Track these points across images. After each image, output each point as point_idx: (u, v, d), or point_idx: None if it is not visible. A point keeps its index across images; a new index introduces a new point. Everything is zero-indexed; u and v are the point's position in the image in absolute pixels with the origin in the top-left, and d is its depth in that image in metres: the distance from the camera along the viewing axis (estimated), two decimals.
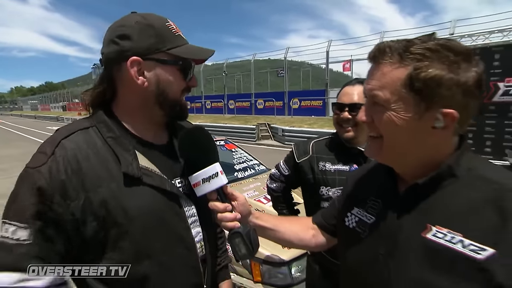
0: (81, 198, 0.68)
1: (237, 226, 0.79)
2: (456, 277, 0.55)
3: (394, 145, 0.65)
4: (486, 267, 0.53)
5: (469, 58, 0.58)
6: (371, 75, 0.65)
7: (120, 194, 0.71)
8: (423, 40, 0.60)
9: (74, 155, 0.70)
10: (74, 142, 0.72)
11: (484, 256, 0.53)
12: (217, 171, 0.78)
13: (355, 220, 0.79)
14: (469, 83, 0.58)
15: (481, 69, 0.59)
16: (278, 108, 18.92)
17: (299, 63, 21.67)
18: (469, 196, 0.59)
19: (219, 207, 0.79)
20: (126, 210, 0.71)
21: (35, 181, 0.66)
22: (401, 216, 0.67)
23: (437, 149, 0.64)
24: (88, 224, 0.69)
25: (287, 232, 0.96)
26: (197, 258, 0.84)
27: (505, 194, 0.56)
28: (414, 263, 0.61)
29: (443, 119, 0.59)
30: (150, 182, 0.75)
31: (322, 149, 1.43)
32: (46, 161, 0.67)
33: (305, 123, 14.86)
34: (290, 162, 1.53)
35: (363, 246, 0.74)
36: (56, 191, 0.66)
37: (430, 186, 0.64)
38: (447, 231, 0.58)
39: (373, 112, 0.65)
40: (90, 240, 0.70)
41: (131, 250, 0.73)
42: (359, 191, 0.84)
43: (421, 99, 0.59)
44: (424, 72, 0.57)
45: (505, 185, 0.58)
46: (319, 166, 1.39)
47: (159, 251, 0.76)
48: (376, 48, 0.64)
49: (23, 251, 0.64)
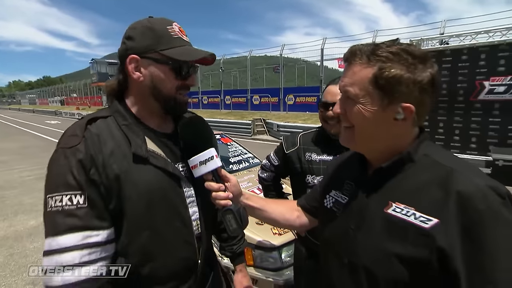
0: (104, 171, 0.81)
1: (229, 204, 0.88)
2: (408, 243, 0.64)
3: (363, 133, 0.73)
4: (430, 234, 0.61)
5: (425, 61, 0.67)
6: (345, 74, 0.74)
7: (130, 170, 0.83)
8: (388, 44, 0.69)
9: (98, 138, 0.83)
10: (96, 127, 0.86)
11: (430, 225, 0.62)
12: (212, 155, 0.86)
13: (332, 201, 0.89)
14: (424, 82, 0.67)
15: (435, 70, 0.68)
16: (273, 104, 19.02)
17: (295, 60, 21.67)
18: (423, 177, 0.68)
19: (214, 186, 0.87)
20: (134, 184, 0.83)
21: (76, 156, 0.79)
22: (369, 195, 0.76)
23: (399, 138, 0.73)
24: (108, 193, 0.82)
25: (274, 213, 1.04)
26: (193, 235, 0.95)
27: (450, 176, 0.64)
28: (377, 233, 0.70)
29: (403, 112, 0.68)
30: (155, 163, 0.87)
31: (309, 141, 1.54)
32: (80, 141, 0.81)
33: (299, 118, 14.99)
34: (280, 153, 1.65)
35: (337, 223, 0.83)
36: (91, 163, 0.80)
37: (392, 169, 0.73)
38: (404, 206, 0.68)
39: (346, 105, 0.74)
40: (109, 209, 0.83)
41: (135, 219, 0.84)
42: (337, 176, 0.94)
43: (384, 94, 0.68)
44: (387, 71, 0.66)
45: (451, 168, 0.66)
46: (305, 156, 1.51)
47: (159, 223, 0.87)
48: (349, 51, 0.73)
49: (84, 213, 0.77)
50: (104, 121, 0.88)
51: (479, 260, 0.57)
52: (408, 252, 0.64)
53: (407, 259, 0.64)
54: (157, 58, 0.87)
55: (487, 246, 0.57)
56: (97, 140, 0.83)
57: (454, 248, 0.59)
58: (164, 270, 0.90)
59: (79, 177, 0.78)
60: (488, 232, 0.57)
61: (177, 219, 0.91)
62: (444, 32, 10.18)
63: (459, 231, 0.59)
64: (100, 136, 0.84)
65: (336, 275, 0.80)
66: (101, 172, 0.80)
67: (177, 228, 0.91)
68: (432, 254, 0.61)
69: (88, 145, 0.81)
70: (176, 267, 0.92)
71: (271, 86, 21.12)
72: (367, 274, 0.71)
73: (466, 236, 0.58)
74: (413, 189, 0.69)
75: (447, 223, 0.60)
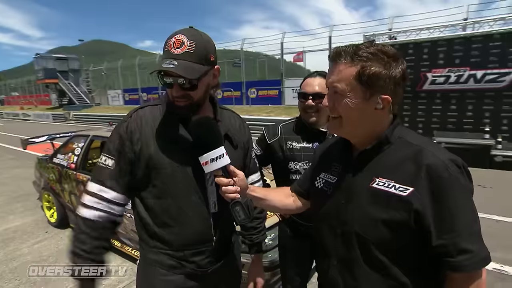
0: (139, 145, 1.02)
1: (237, 197, 0.95)
2: (391, 209, 0.78)
3: (349, 122, 0.84)
4: (408, 200, 0.75)
5: (397, 59, 0.80)
6: (331, 72, 0.84)
7: (162, 148, 1.02)
8: (367, 46, 0.80)
9: (141, 119, 1.04)
10: (143, 112, 1.07)
11: (407, 193, 0.76)
12: (223, 153, 0.93)
13: (323, 182, 0.99)
14: (397, 77, 0.79)
15: (404, 66, 0.81)
16: (236, 97, 18.96)
17: (255, 53, 21.77)
18: (399, 155, 0.82)
19: (224, 181, 0.94)
20: (162, 159, 1.01)
21: (119, 130, 1.04)
22: (356, 174, 0.88)
23: (378, 124, 0.85)
24: (139, 160, 1.02)
25: (274, 200, 1.14)
26: (209, 212, 1.07)
27: (420, 152, 0.78)
28: (365, 204, 0.83)
29: (381, 102, 0.80)
30: (183, 146, 1.03)
31: (289, 131, 1.64)
32: (127, 120, 1.05)
33: (263, 111, 15.22)
34: (262, 143, 1.71)
35: (329, 199, 0.94)
36: (128, 138, 1.02)
37: (374, 150, 0.85)
38: (385, 180, 0.81)
39: (334, 99, 0.85)
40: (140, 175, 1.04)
41: (161, 187, 1.03)
42: (324, 160, 1.04)
43: (367, 88, 0.79)
44: (368, 69, 0.77)
45: (420, 146, 0.80)
46: (287, 145, 1.60)
47: (179, 195, 1.04)
48: (334, 51, 0.84)
49: (108, 173, 1.02)
50: (152, 108, 1.08)
51: (444, 215, 0.73)
52: (391, 216, 0.78)
53: (390, 222, 0.78)
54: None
55: (449, 204, 0.73)
56: (139, 122, 1.04)
57: (426, 208, 0.74)
58: (180, 238, 1.06)
59: (117, 146, 1.02)
60: (450, 194, 0.73)
61: (195, 194, 1.05)
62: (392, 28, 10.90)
63: (429, 195, 0.74)
64: (144, 119, 1.04)
65: (331, 244, 0.92)
66: (135, 145, 1.01)
67: (194, 202, 1.05)
68: (410, 216, 0.75)
69: (131, 125, 1.03)
70: (191, 237, 1.07)
71: (233, 80, 21.01)
72: (358, 238, 0.84)
73: (434, 198, 0.74)
74: (391, 165, 0.82)
75: (420, 190, 0.75)
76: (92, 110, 25.56)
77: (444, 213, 0.73)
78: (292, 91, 16.64)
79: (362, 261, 0.84)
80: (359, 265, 0.85)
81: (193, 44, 0.94)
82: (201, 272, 1.09)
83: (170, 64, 0.91)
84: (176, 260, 1.07)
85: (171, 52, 0.94)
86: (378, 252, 0.81)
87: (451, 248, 0.73)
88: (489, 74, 7.51)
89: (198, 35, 0.97)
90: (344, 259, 0.89)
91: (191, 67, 0.93)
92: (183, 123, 1.04)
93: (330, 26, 15.64)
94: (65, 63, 32.12)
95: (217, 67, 1.04)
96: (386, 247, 0.80)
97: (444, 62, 7.97)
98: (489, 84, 7.54)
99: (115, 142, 1.02)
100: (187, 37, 0.94)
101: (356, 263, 0.85)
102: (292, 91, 16.69)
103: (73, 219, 3.74)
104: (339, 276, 0.90)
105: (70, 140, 3.86)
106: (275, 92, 17.75)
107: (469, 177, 0.78)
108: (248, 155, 1.26)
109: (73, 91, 30.48)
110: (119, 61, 28.08)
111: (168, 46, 0.95)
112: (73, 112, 24.75)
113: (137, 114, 1.05)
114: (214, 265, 1.12)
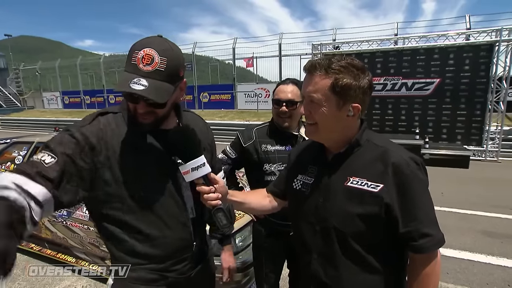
0: (103, 154, 0.90)
1: (219, 204, 0.93)
2: (364, 204, 0.86)
3: (325, 128, 0.91)
4: (379, 195, 0.84)
5: (364, 71, 0.88)
6: (308, 83, 0.90)
7: (131, 159, 0.93)
8: (338, 59, 0.87)
9: (105, 127, 0.93)
10: (106, 119, 0.95)
11: (378, 189, 0.85)
12: (204, 162, 0.92)
13: (300, 183, 1.04)
14: (365, 87, 0.88)
15: (370, 77, 0.90)
16: (188, 102, 18.47)
17: (207, 58, 21.45)
18: (368, 156, 0.90)
19: (205, 189, 0.93)
20: (133, 171, 0.93)
21: (74, 133, 0.88)
22: (331, 174, 0.94)
23: (350, 129, 0.93)
24: (103, 173, 0.90)
25: (253, 202, 1.16)
26: (188, 217, 1.03)
27: (386, 153, 0.87)
28: (341, 201, 0.90)
29: (352, 110, 0.88)
30: (154, 154, 0.96)
31: (264, 135, 1.68)
32: (85, 126, 0.91)
33: (216, 116, 15.06)
34: (237, 146, 1.73)
35: (307, 199, 0.99)
36: (88, 145, 0.88)
37: (347, 153, 0.93)
38: (358, 179, 0.88)
39: (310, 107, 0.91)
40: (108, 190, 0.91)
41: (136, 201, 0.94)
42: (300, 162, 1.09)
43: (340, 98, 0.86)
44: (341, 81, 0.85)
45: (385, 147, 0.89)
46: (262, 148, 1.64)
47: (157, 206, 0.96)
48: (310, 64, 0.90)
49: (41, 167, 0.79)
50: (113, 116, 0.97)
51: (407, 205, 0.83)
52: (366, 211, 0.86)
53: (365, 216, 0.86)
54: None
55: (412, 196, 0.83)
56: (104, 130, 0.92)
57: (393, 201, 0.83)
58: (162, 249, 0.99)
59: (67, 149, 0.85)
60: (412, 187, 0.83)
61: (173, 203, 0.99)
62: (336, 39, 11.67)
63: (395, 189, 0.84)
64: (107, 127, 0.93)
65: (311, 240, 0.98)
66: (98, 157, 0.89)
67: (173, 211, 0.99)
68: (381, 209, 0.84)
69: (92, 131, 0.90)
70: (173, 247, 1.00)
71: None
72: (336, 233, 0.91)
73: (400, 191, 0.83)
74: (363, 165, 0.90)
75: (388, 186, 0.84)
76: (24, 114, 22.52)
77: (407, 204, 0.83)
78: (244, 95, 16.81)
79: (340, 253, 0.91)
80: (338, 257, 0.91)
81: (164, 61, 0.86)
82: (184, 278, 1.06)
83: (139, 85, 0.83)
84: (157, 273, 1.00)
85: (139, 68, 0.85)
86: (354, 244, 0.88)
87: (415, 233, 0.83)
88: (417, 83, 8.49)
89: (170, 49, 0.89)
90: (324, 253, 0.95)
91: (160, 88, 0.86)
92: (152, 133, 0.97)
93: (280, 34, 16.18)
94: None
95: (184, 80, 0.98)
96: (362, 238, 0.88)
97: (381, 72, 8.79)
98: (418, 92, 8.51)
99: (66, 143, 0.85)
100: (158, 53, 0.86)
101: (336, 255, 0.92)
102: (244, 95, 16.85)
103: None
104: (321, 268, 0.96)
105: (7, 149, 3.31)
106: (228, 96, 17.70)
107: (425, 173, 0.88)
108: (213, 156, 1.24)
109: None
110: (57, 61, 25.15)
111: (135, 59, 0.86)
112: (0, 116, 21.58)
113: (99, 121, 0.93)
114: (194, 269, 1.09)
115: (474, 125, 8.22)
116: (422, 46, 8.54)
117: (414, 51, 8.54)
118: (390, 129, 8.81)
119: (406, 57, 8.56)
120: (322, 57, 0.90)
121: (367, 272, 0.90)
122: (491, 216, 4.27)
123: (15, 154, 3.18)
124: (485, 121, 8.09)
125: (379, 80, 8.78)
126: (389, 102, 8.83)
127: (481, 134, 8.16)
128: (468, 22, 11.21)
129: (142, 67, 0.85)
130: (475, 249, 3.38)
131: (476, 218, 4.25)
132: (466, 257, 3.22)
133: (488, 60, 7.88)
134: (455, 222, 4.07)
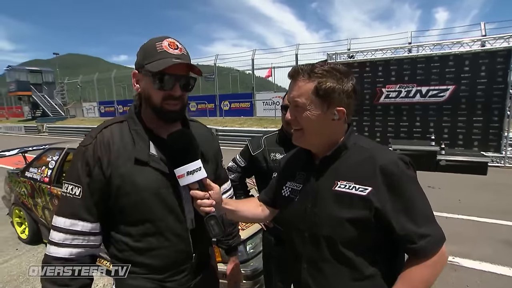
0: (109, 170, 0.87)
1: (212, 211, 0.87)
2: (354, 209, 0.79)
3: (311, 132, 0.86)
4: (368, 198, 0.78)
5: (348, 75, 0.83)
6: (292, 88, 0.86)
7: (132, 171, 0.88)
8: (321, 64, 0.83)
9: (108, 140, 0.90)
10: (110, 131, 0.92)
11: (366, 192, 0.78)
12: (200, 166, 0.86)
13: (289, 190, 0.98)
14: (349, 91, 0.82)
15: (354, 82, 0.84)
16: (210, 110, 18.76)
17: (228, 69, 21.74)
18: (356, 159, 0.84)
19: (200, 194, 0.87)
20: (133, 183, 0.88)
21: (85, 155, 0.88)
22: (319, 179, 0.88)
23: (336, 133, 0.87)
24: (109, 188, 0.88)
25: (245, 211, 1.10)
26: (187, 229, 0.98)
27: (373, 155, 0.82)
28: (330, 206, 0.83)
29: (337, 114, 0.83)
30: (155, 166, 0.91)
31: (273, 143, 1.60)
32: (91, 142, 0.89)
33: (236, 123, 15.12)
34: (246, 155, 1.67)
35: (296, 205, 0.93)
36: (97, 164, 0.87)
37: (334, 156, 0.87)
38: (346, 182, 0.82)
39: (295, 112, 0.86)
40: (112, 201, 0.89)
41: (136, 212, 0.90)
42: (289, 169, 1.03)
43: (324, 101, 0.81)
44: (324, 84, 0.80)
45: (372, 150, 0.84)
46: (271, 156, 1.56)
47: (157, 217, 0.92)
48: (293, 70, 0.86)
49: (78, 203, 0.86)
50: (118, 125, 0.95)
51: (402, 206, 0.76)
52: (355, 215, 0.79)
53: (355, 220, 0.79)
54: (143, 72, 0.90)
55: (404, 195, 0.77)
56: (107, 143, 0.89)
57: (385, 204, 0.76)
58: (161, 260, 0.94)
59: (81, 173, 0.87)
60: (403, 186, 0.77)
61: (172, 215, 0.94)
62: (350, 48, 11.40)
63: (386, 190, 0.77)
64: (112, 139, 0.90)
65: (300, 247, 0.91)
66: (105, 170, 0.87)
67: (173, 223, 0.94)
68: (371, 213, 0.77)
69: (97, 147, 0.88)
70: (172, 259, 0.96)
71: (206, 94, 20.74)
72: (326, 239, 0.84)
73: (391, 192, 0.77)
74: (350, 168, 0.84)
75: (377, 188, 0.78)
76: (66, 122, 23.88)
77: (401, 205, 0.76)
78: (263, 103, 16.79)
79: (330, 259, 0.84)
80: (327, 263, 0.85)
81: (184, 48, 0.93)
82: None
83: (179, 59, 0.87)
84: (156, 283, 0.96)
85: (169, 53, 0.88)
86: (344, 249, 0.82)
87: (413, 236, 0.76)
88: (432, 90, 8.07)
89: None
90: (313, 260, 0.88)
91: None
92: (154, 141, 0.94)
93: (296, 45, 16.05)
94: (39, 75, 30.11)
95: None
96: (351, 244, 0.81)
97: (395, 79, 8.46)
98: (432, 99, 8.10)
99: (82, 168, 0.87)
100: (177, 41, 0.91)
101: (325, 262, 0.85)
102: (262, 103, 16.83)
103: (46, 235, 3.33)
104: (309, 277, 0.90)
105: (44, 153, 3.45)
106: (247, 104, 17.76)
107: (414, 170, 0.82)
108: (219, 166, 1.20)
109: (47, 103, 28.41)
110: (95, 74, 26.62)
111: (161, 47, 0.88)
112: (47, 124, 22.94)
113: (103, 135, 0.91)
114: (194, 280, 1.03)
115: (491, 131, 7.68)
116: (436, 54, 8.13)
117: (429, 58, 8.15)
118: (405, 135, 8.42)
119: (420, 65, 8.18)
120: (306, 64, 0.86)
121: (358, 279, 0.83)
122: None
123: (49, 159, 3.30)
124: (503, 127, 7.54)
125: (393, 88, 8.45)
126: (404, 109, 8.46)
127: (500, 140, 7.61)
128: (483, 29, 10.53)
129: (172, 51, 0.88)
130: (497, 260, 3.01)
131: (497, 227, 3.86)
132: (487, 268, 2.88)
133: (505, 66, 7.37)
134: (473, 230, 3.71)
